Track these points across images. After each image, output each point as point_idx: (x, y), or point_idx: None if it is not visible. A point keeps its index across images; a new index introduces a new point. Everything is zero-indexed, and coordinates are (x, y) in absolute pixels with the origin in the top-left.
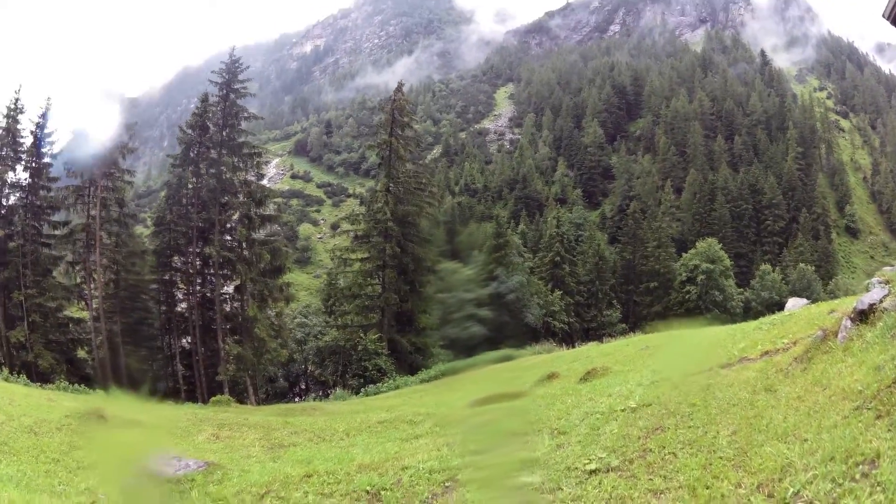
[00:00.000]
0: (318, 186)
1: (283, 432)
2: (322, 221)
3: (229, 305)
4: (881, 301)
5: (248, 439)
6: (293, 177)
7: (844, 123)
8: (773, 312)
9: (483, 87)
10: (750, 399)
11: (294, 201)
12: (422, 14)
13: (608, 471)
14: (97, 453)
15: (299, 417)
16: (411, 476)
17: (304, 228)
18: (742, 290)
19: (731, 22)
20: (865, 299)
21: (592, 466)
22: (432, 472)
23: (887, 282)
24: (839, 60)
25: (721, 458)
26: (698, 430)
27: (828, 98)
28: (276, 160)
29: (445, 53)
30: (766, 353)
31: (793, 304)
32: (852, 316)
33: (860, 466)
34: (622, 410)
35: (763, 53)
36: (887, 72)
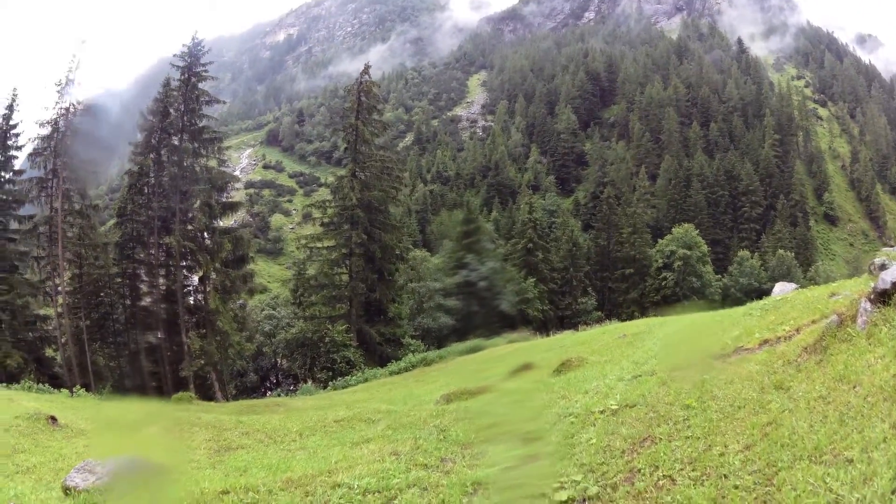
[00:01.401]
0: (290, 176)
1: (235, 433)
2: (294, 212)
3: (193, 298)
4: None
5: (197, 440)
6: (265, 167)
7: (822, 112)
8: (756, 298)
9: (456, 75)
10: (759, 400)
11: (266, 192)
12: (396, 1)
13: (584, 501)
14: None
15: (256, 416)
16: (340, 498)
17: (276, 219)
18: (720, 276)
19: (708, 10)
20: (887, 277)
21: (564, 496)
22: (366, 492)
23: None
24: (818, 50)
25: (737, 487)
26: (699, 443)
27: (806, 87)
28: (249, 150)
29: (419, 41)
30: (766, 341)
31: (781, 288)
32: (872, 297)
33: None
34: (601, 412)
35: (740, 41)
36: (867, 62)
